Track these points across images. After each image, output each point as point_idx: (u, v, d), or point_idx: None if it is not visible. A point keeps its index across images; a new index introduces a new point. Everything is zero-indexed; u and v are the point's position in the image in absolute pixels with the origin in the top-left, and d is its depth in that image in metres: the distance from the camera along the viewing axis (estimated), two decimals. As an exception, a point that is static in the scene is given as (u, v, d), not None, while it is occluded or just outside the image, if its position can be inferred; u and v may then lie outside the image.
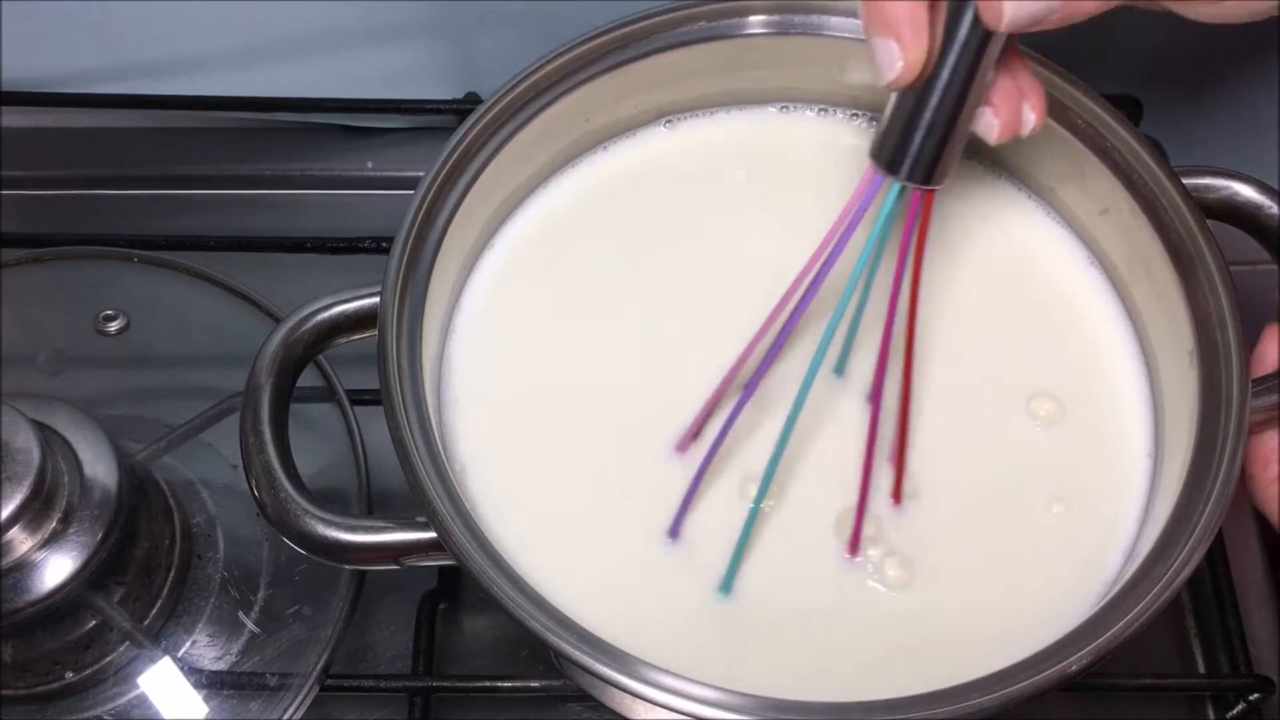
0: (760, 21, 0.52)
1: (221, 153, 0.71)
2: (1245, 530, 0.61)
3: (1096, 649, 0.41)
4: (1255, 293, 0.52)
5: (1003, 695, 0.40)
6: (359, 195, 0.71)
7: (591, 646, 0.41)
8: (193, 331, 0.62)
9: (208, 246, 0.64)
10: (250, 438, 0.46)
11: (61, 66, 0.69)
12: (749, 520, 0.46)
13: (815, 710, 0.41)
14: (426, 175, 0.49)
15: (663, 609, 0.47)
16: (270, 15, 0.67)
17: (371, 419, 0.54)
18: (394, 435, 0.44)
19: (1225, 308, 0.47)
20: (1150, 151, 0.49)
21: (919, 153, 0.43)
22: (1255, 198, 0.50)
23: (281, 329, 0.48)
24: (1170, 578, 0.42)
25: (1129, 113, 0.65)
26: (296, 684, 0.53)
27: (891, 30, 0.41)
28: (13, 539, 0.48)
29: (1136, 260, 0.51)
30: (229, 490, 0.57)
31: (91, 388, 0.60)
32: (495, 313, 0.52)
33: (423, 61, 0.70)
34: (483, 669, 0.57)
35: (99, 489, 0.51)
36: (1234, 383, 0.45)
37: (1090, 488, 0.49)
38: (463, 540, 0.43)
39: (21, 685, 0.53)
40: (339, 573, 0.54)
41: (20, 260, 0.62)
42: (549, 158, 0.54)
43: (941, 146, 0.43)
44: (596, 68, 0.51)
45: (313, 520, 0.45)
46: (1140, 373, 0.51)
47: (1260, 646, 0.58)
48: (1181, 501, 0.44)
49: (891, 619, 0.47)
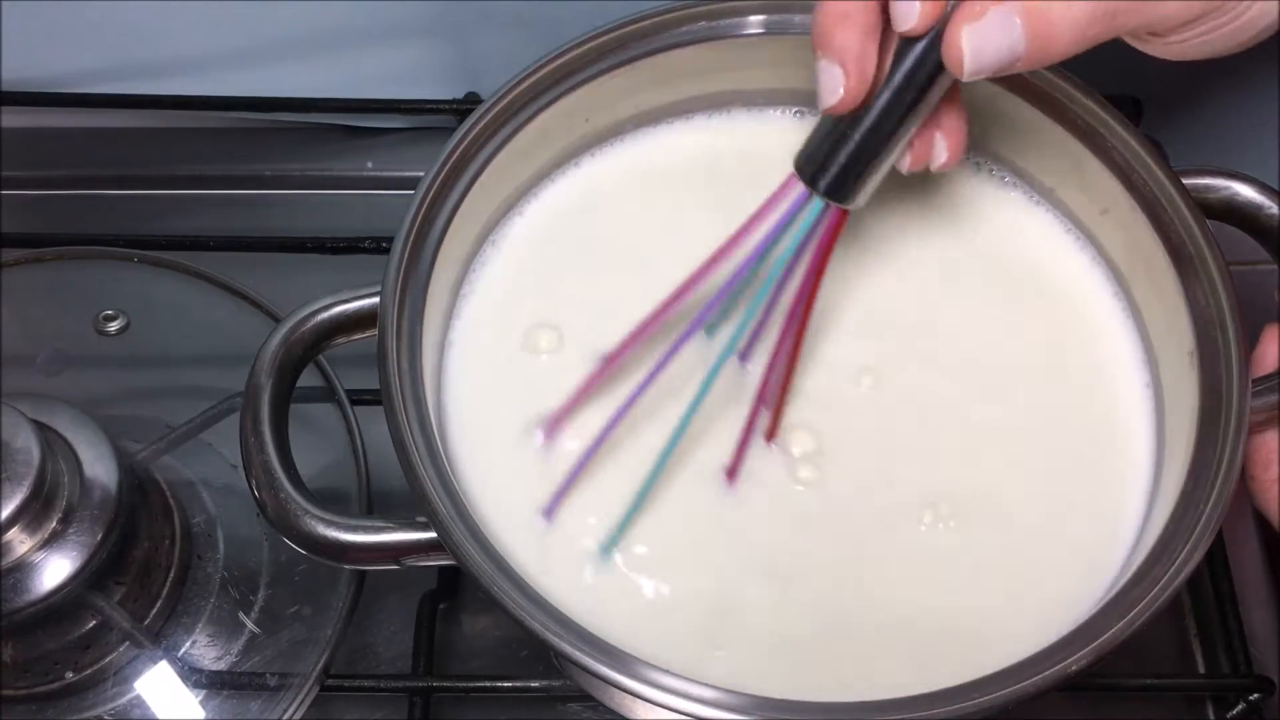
0: (760, 21, 0.52)
1: (221, 153, 0.71)
2: (1245, 530, 0.61)
3: (1096, 649, 0.41)
4: (1255, 293, 0.52)
5: (1003, 695, 0.40)
6: (359, 195, 0.71)
7: (591, 646, 0.41)
8: (193, 331, 0.62)
9: (208, 246, 0.64)
10: (250, 438, 0.46)
11: (61, 66, 0.69)
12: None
13: (815, 710, 0.41)
14: (426, 175, 0.49)
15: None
16: (270, 15, 0.67)
17: (371, 419, 0.54)
18: (394, 435, 0.44)
19: (1225, 308, 0.47)
20: (1150, 151, 0.49)
21: (840, 172, 0.43)
22: (1255, 198, 0.50)
23: (281, 329, 0.48)
24: (1170, 578, 0.42)
25: (1129, 113, 0.65)
26: (296, 684, 0.53)
27: (838, 57, 0.41)
28: (13, 539, 0.48)
29: (1136, 260, 0.51)
30: (229, 490, 0.57)
31: (91, 388, 0.60)
32: (495, 312, 0.52)
33: (423, 61, 0.70)
34: (483, 669, 0.57)
35: (99, 489, 0.51)
36: (1234, 383, 0.45)
37: (1091, 487, 0.49)
38: (463, 540, 0.43)
39: (21, 685, 0.53)
40: (339, 573, 0.54)
41: (20, 260, 0.62)
42: (549, 158, 0.54)
43: (864, 171, 0.43)
44: (596, 68, 0.51)
45: (313, 520, 0.45)
46: (1142, 373, 0.51)
47: (1260, 646, 0.58)
48: (1181, 501, 0.44)
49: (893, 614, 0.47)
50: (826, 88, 0.42)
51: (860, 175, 0.43)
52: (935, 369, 0.51)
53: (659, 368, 0.47)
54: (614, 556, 0.47)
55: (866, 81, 0.41)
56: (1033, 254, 0.53)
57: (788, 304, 0.47)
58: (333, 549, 0.45)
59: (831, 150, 0.43)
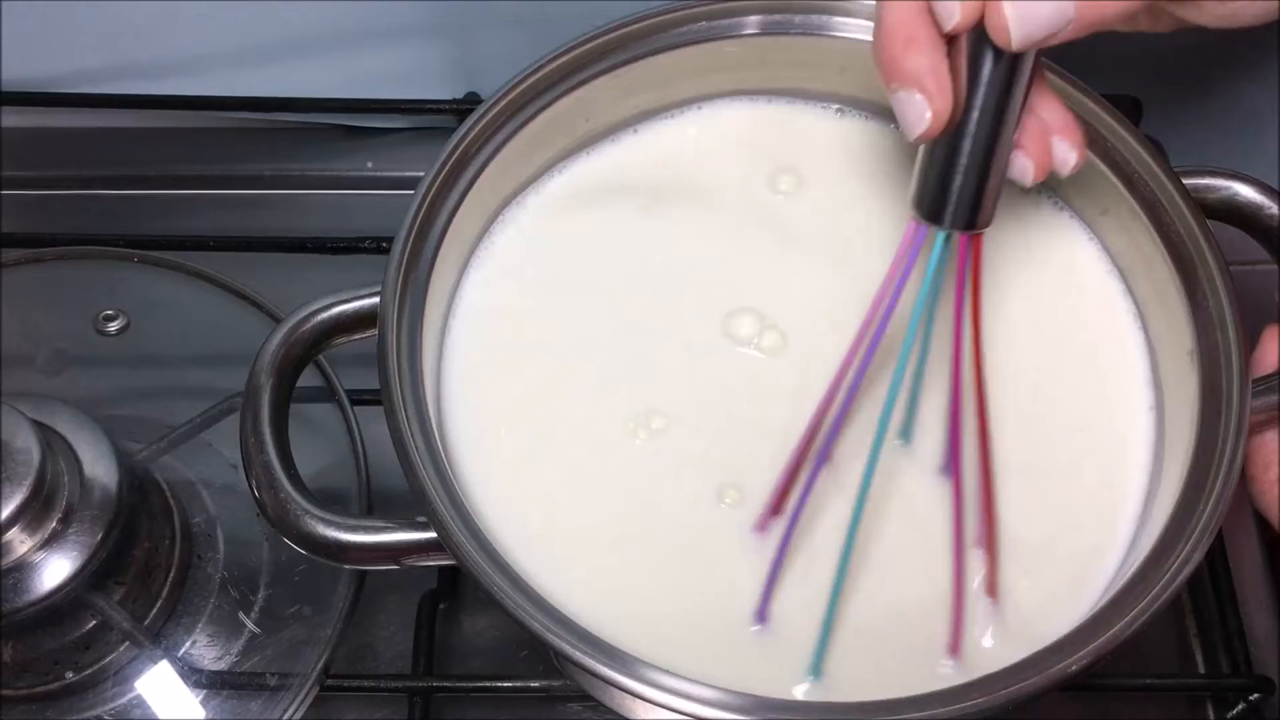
0: (760, 21, 0.52)
1: (221, 153, 0.71)
2: (1245, 530, 0.61)
3: (1096, 649, 0.41)
4: (1255, 293, 0.52)
5: (1003, 695, 0.40)
6: (359, 195, 0.71)
7: (591, 646, 0.41)
8: (193, 331, 0.62)
9: (208, 246, 0.64)
10: (250, 438, 0.46)
11: (61, 66, 0.69)
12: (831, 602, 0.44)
13: (815, 710, 0.41)
14: (426, 175, 0.49)
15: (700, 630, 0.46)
16: (270, 15, 0.67)
17: (371, 419, 0.54)
18: (394, 435, 0.44)
19: (1225, 308, 0.47)
20: (1150, 151, 0.49)
21: (959, 198, 0.42)
22: (1255, 198, 0.50)
23: (281, 329, 0.48)
24: (1170, 578, 0.42)
25: (1129, 113, 0.65)
26: (296, 684, 0.53)
27: (915, 83, 0.39)
28: (12, 539, 0.48)
29: (1137, 260, 0.51)
30: (229, 490, 0.57)
31: (91, 388, 0.60)
32: (496, 312, 0.52)
33: (423, 61, 0.70)
34: (483, 669, 0.57)
35: (99, 489, 0.51)
36: (1234, 383, 0.45)
37: (1090, 487, 0.49)
38: (463, 540, 0.43)
39: (21, 685, 0.53)
40: (339, 573, 0.54)
41: (20, 260, 0.62)
42: (549, 158, 0.54)
43: (981, 189, 0.42)
44: (596, 68, 0.51)
45: (313, 520, 0.45)
46: (1142, 372, 0.51)
47: (1260, 646, 0.58)
48: (1181, 501, 0.44)
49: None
50: (912, 118, 0.40)
51: (978, 194, 0.42)
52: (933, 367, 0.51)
53: (825, 449, 0.45)
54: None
55: (949, 99, 0.39)
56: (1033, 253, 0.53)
57: (944, 366, 0.44)
58: (333, 549, 0.45)
59: (942, 178, 0.41)
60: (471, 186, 0.50)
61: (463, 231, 0.50)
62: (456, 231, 0.50)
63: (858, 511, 0.44)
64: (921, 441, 0.49)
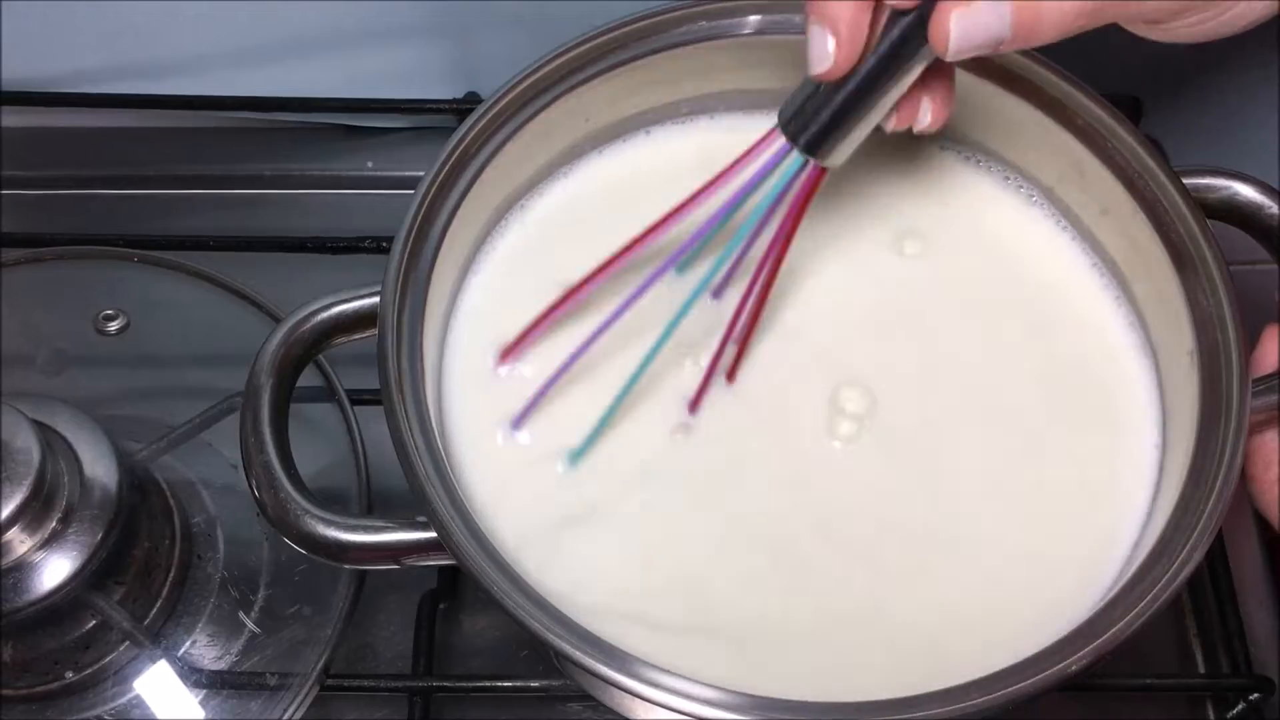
0: (759, 22, 0.52)
1: (221, 153, 0.71)
2: (1245, 530, 0.61)
3: (1096, 649, 0.41)
4: (1255, 293, 0.52)
5: (1003, 695, 0.40)
6: (359, 195, 0.71)
7: (591, 646, 0.41)
8: (193, 331, 0.62)
9: (208, 246, 0.64)
10: (250, 438, 0.46)
11: (61, 66, 0.69)
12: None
13: (814, 710, 0.41)
14: (426, 175, 0.49)
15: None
16: (270, 15, 0.67)
17: (371, 419, 0.54)
18: (394, 435, 0.44)
19: (1225, 308, 0.47)
20: (1150, 151, 0.49)
21: (820, 130, 0.44)
22: (1255, 198, 0.50)
23: (281, 329, 0.48)
24: (1170, 578, 0.42)
25: (1129, 113, 0.65)
26: (296, 684, 0.53)
27: (831, 25, 0.41)
28: (12, 539, 0.48)
29: (1136, 260, 0.51)
30: (229, 490, 0.57)
31: (91, 388, 0.60)
32: (496, 312, 0.52)
33: (423, 61, 0.70)
34: (483, 669, 0.57)
35: (99, 489, 0.51)
36: (1234, 383, 0.45)
37: (1090, 487, 0.49)
38: (463, 540, 0.43)
39: (21, 685, 0.53)
40: (339, 573, 0.54)
41: (20, 260, 0.62)
42: (549, 158, 0.54)
43: (844, 131, 0.44)
44: (596, 68, 0.51)
45: (313, 520, 0.45)
46: (1143, 373, 0.51)
47: (1260, 646, 0.58)
48: (1181, 501, 0.44)
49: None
50: (816, 53, 0.42)
51: (840, 136, 0.44)
52: (933, 367, 0.51)
53: (631, 299, 0.47)
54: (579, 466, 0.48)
55: (856, 51, 0.42)
56: (1033, 253, 0.53)
57: (760, 254, 0.47)
58: (333, 549, 0.45)
59: (815, 109, 0.44)
60: (472, 186, 0.50)
61: (463, 231, 0.50)
62: (457, 231, 0.50)
63: (659, 343, 0.47)
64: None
